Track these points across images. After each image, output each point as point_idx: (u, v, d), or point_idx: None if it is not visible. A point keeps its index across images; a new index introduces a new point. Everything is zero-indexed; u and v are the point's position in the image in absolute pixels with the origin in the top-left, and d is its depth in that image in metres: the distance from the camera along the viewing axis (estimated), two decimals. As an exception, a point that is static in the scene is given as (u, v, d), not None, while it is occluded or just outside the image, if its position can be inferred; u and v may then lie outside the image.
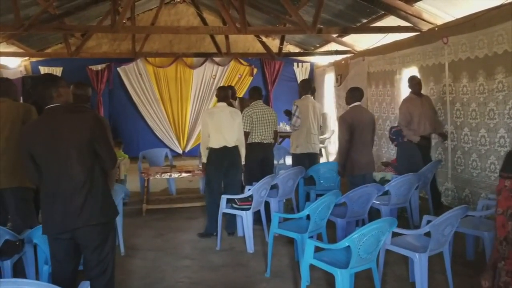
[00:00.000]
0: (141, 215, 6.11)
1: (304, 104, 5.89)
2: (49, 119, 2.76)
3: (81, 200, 2.69)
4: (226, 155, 5.08)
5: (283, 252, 4.58)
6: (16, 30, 6.19)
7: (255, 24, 9.40)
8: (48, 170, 2.73)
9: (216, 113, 5.11)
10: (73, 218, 2.68)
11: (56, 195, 2.71)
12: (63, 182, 2.70)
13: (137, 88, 10.90)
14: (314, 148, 5.94)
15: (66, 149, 2.68)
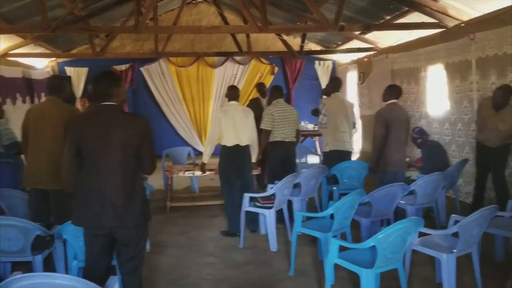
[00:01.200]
0: (165, 212, 6.19)
1: (332, 102, 5.88)
2: (105, 115, 2.80)
3: (122, 201, 2.75)
4: (238, 153, 5.12)
5: (306, 251, 4.58)
6: (43, 32, 6.31)
7: (276, 23, 9.38)
8: (91, 164, 2.79)
9: (229, 111, 5.15)
10: (113, 217, 2.75)
11: (97, 190, 2.76)
12: (106, 180, 2.76)
13: (159, 87, 11.02)
14: (344, 146, 5.88)
15: (115, 149, 2.74)
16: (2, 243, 3.48)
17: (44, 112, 3.98)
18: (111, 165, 2.75)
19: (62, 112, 3.93)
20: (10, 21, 7.11)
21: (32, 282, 2.25)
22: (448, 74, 6.25)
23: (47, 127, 3.90)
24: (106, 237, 2.84)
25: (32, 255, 3.51)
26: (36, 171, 3.94)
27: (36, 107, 4.15)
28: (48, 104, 4.04)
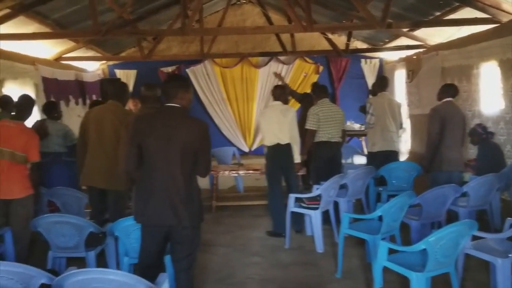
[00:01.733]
0: (210, 212, 6.26)
1: (379, 101, 5.77)
2: (169, 116, 2.88)
3: (181, 202, 2.83)
4: (279, 152, 5.12)
5: (353, 253, 4.51)
6: (94, 36, 6.54)
7: (321, 21, 9.30)
8: (152, 163, 2.86)
9: (267, 111, 5.20)
10: (173, 217, 2.83)
11: (156, 189, 2.84)
12: (165, 179, 2.83)
13: (205, 88, 11.16)
14: (391, 146, 5.75)
15: (176, 149, 2.81)
16: (58, 239, 3.64)
17: (105, 115, 4.14)
18: (171, 165, 2.82)
19: (121, 116, 4.08)
20: (63, 26, 7.42)
21: (87, 277, 2.34)
22: (502, 71, 5.97)
23: (107, 129, 4.06)
24: (162, 235, 2.91)
25: (86, 251, 3.65)
26: (95, 170, 4.10)
27: (97, 109, 4.33)
28: (109, 108, 4.21)
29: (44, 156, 5.21)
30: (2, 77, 6.57)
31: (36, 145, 3.96)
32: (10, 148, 3.82)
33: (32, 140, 3.95)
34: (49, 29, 7.03)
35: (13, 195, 3.89)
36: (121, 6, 6.83)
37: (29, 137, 3.94)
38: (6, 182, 3.85)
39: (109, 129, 4.06)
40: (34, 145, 3.93)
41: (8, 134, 3.86)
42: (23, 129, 3.96)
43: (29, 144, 3.89)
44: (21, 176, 3.90)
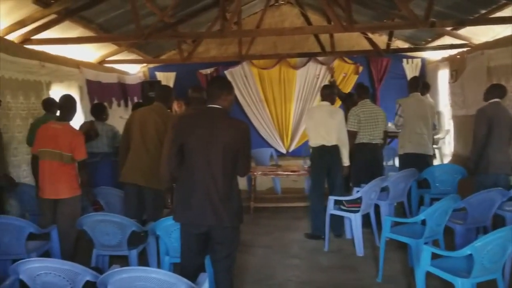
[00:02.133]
0: (248, 213, 6.27)
1: (408, 102, 5.64)
2: (211, 117, 2.92)
3: (222, 202, 2.85)
4: (326, 154, 5.04)
5: (394, 257, 4.41)
6: (137, 39, 6.68)
7: (361, 21, 9.16)
8: (193, 162, 2.89)
9: (314, 112, 5.14)
10: (213, 217, 2.85)
11: (198, 189, 2.87)
12: (205, 179, 2.86)
13: (242, 90, 11.21)
14: (419, 149, 5.57)
15: (217, 150, 2.84)
16: (102, 238, 3.74)
17: (149, 116, 4.24)
18: (212, 165, 2.85)
19: (165, 118, 4.18)
20: (106, 30, 7.63)
21: (130, 275, 2.39)
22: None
23: (150, 129, 4.16)
24: (202, 235, 2.94)
25: (128, 249, 3.73)
26: (136, 168, 4.19)
27: (142, 110, 4.45)
28: (154, 109, 4.31)
29: (93, 156, 5.42)
30: (49, 80, 6.82)
31: (81, 143, 4.06)
32: (58, 149, 3.95)
33: (77, 139, 4.05)
34: (93, 34, 7.24)
35: (61, 195, 4.01)
36: (162, 10, 6.96)
37: (75, 137, 4.04)
38: (54, 183, 3.98)
39: (152, 129, 4.15)
40: (79, 144, 4.04)
41: (54, 135, 3.99)
42: (69, 129, 4.08)
43: (74, 143, 3.99)
44: (68, 176, 4.02)
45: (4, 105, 5.55)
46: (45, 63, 6.68)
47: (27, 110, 6.07)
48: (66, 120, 4.12)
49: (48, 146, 3.97)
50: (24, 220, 3.75)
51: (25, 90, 6.10)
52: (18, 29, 5.85)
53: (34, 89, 6.21)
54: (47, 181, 4.01)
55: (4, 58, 5.67)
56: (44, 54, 6.73)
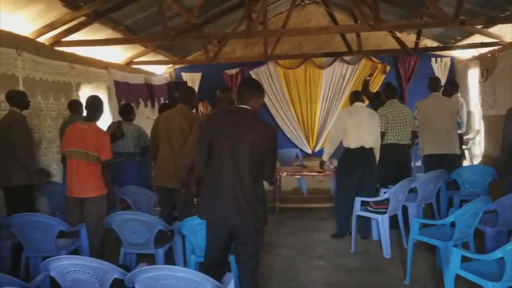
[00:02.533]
0: (273, 213, 6.27)
1: (426, 103, 5.56)
2: (239, 116, 2.94)
3: (247, 202, 2.85)
4: (362, 156, 4.96)
5: (422, 259, 4.33)
6: (163, 41, 6.75)
7: (389, 20, 9.03)
8: (221, 161, 2.91)
9: (355, 112, 5.00)
10: (238, 217, 2.85)
11: (224, 188, 2.88)
12: (232, 178, 2.86)
13: (268, 90, 11.20)
14: (440, 149, 5.42)
15: (243, 149, 2.85)
16: (129, 236, 3.79)
17: (174, 118, 4.31)
18: (239, 165, 2.85)
19: (189, 119, 4.23)
20: (134, 32, 7.74)
21: (157, 274, 2.41)
22: None
23: (175, 131, 4.22)
24: (227, 234, 2.95)
25: (155, 248, 3.77)
26: (164, 171, 4.26)
27: (167, 113, 4.52)
28: (178, 111, 4.36)
29: (119, 156, 5.51)
30: (78, 81, 6.97)
31: (106, 143, 4.11)
32: (84, 148, 4.02)
33: (103, 139, 4.11)
34: (121, 35, 7.36)
35: (87, 193, 4.08)
36: (188, 11, 7.02)
37: (100, 136, 4.10)
38: (81, 182, 4.06)
39: (177, 131, 4.20)
40: (104, 144, 4.09)
41: (81, 135, 4.06)
42: (95, 129, 4.14)
43: (100, 143, 4.05)
44: (94, 175, 4.09)
45: (35, 106, 5.70)
46: (75, 64, 6.83)
47: (57, 111, 6.21)
48: (93, 121, 4.19)
49: (75, 145, 4.05)
50: (55, 218, 3.83)
51: (55, 91, 6.24)
52: (49, 32, 5.99)
53: (64, 90, 6.35)
54: (74, 180, 4.09)
55: (35, 60, 5.82)
56: (74, 55, 6.88)
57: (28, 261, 3.87)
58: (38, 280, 2.77)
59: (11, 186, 4.39)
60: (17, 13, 5.27)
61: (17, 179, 4.36)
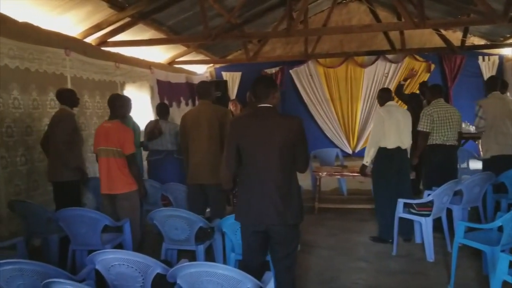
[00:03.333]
0: (313, 213, 6.22)
1: (490, 103, 5.28)
2: (263, 116, 2.94)
3: (282, 200, 2.83)
4: (399, 156, 4.85)
5: (468, 264, 4.19)
6: (205, 40, 6.85)
7: (434, 17, 8.80)
8: (250, 162, 2.92)
9: (393, 111, 4.88)
10: (270, 215, 2.84)
11: (256, 188, 2.89)
12: (266, 178, 2.86)
13: (308, 89, 11.16)
14: (508, 150, 5.19)
15: (273, 148, 2.84)
16: (171, 232, 3.86)
17: (200, 114, 4.33)
18: (270, 164, 2.85)
19: (216, 113, 4.26)
20: (176, 32, 7.89)
21: (198, 270, 2.44)
22: None
23: (203, 127, 4.24)
24: (262, 234, 2.95)
25: (196, 244, 3.82)
26: (196, 168, 4.30)
27: (192, 111, 4.58)
28: (203, 107, 4.39)
29: (157, 154, 5.62)
30: (123, 80, 7.16)
31: (129, 138, 4.16)
32: (109, 145, 4.11)
33: (125, 134, 4.16)
34: (163, 35, 7.52)
35: (117, 190, 4.16)
36: (229, 11, 7.08)
37: (122, 132, 4.15)
38: (111, 178, 4.14)
39: (204, 127, 4.23)
40: (127, 139, 4.14)
41: (106, 133, 4.15)
42: (118, 126, 4.19)
43: (122, 138, 4.11)
44: (122, 172, 4.15)
45: (82, 104, 5.90)
46: (120, 64, 7.03)
47: (103, 109, 6.42)
48: (116, 118, 4.25)
49: (102, 144, 4.16)
50: (100, 213, 3.93)
51: (101, 90, 6.45)
52: (95, 32, 6.20)
53: (109, 89, 6.55)
54: (104, 177, 4.19)
55: (83, 60, 6.03)
56: (119, 55, 7.08)
57: (74, 254, 4.01)
58: (84, 272, 2.86)
59: (60, 181, 4.54)
60: (65, 15, 5.48)
61: (66, 174, 4.50)
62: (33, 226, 4.19)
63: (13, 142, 4.78)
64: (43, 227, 4.11)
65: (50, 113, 4.89)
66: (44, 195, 5.12)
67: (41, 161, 5.10)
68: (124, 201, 4.18)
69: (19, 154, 4.87)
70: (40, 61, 5.19)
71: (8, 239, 3.44)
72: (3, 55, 4.62)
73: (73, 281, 2.24)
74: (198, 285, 2.46)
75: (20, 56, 4.86)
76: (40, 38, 5.19)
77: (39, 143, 4.85)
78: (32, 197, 4.94)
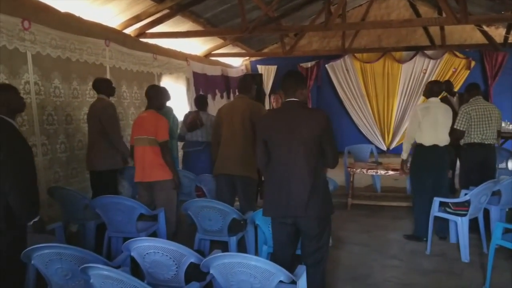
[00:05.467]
0: (346, 209, 6.18)
1: None
2: (288, 111, 2.97)
3: (305, 193, 2.84)
4: (436, 154, 4.74)
5: (505, 266, 4.08)
6: (242, 33, 6.87)
7: (476, 13, 8.52)
8: (277, 157, 2.95)
9: (432, 108, 4.75)
10: (297, 208, 2.86)
11: (282, 182, 2.91)
12: (290, 171, 2.88)
13: (343, 84, 11.03)
14: None
15: (297, 141, 2.86)
16: (205, 223, 3.92)
17: (234, 108, 4.37)
18: (295, 158, 2.86)
19: (249, 108, 4.28)
20: (213, 24, 7.93)
21: (231, 261, 2.48)
22: None
23: (237, 121, 4.27)
24: (291, 227, 2.96)
25: (228, 236, 3.86)
26: (226, 159, 4.33)
27: (227, 105, 4.65)
28: (238, 102, 4.44)
29: (198, 145, 5.69)
30: (160, 72, 7.27)
31: (162, 126, 4.22)
32: (145, 134, 4.19)
33: (160, 122, 4.22)
34: (201, 28, 7.58)
35: (153, 177, 4.23)
36: (267, 4, 7.06)
37: (157, 121, 4.22)
38: (146, 166, 4.22)
39: (237, 121, 4.26)
40: (161, 127, 4.21)
41: (142, 122, 4.24)
42: (152, 115, 4.26)
43: (156, 126, 4.18)
44: (157, 160, 4.21)
45: (120, 94, 6.04)
46: (157, 55, 7.14)
47: (140, 100, 6.55)
48: (152, 108, 4.32)
49: (138, 133, 4.24)
50: (136, 201, 4.01)
51: (139, 81, 6.58)
52: (135, 24, 6.29)
53: (147, 80, 6.67)
54: (140, 165, 4.27)
55: (122, 50, 6.16)
56: (157, 47, 7.19)
57: (110, 241, 4.12)
58: (120, 258, 2.95)
59: (99, 170, 4.63)
60: (106, 6, 5.60)
61: (103, 164, 4.59)
62: (71, 212, 4.32)
63: (53, 130, 4.94)
64: (80, 213, 4.24)
65: (89, 102, 5.01)
66: (82, 182, 5.28)
67: (80, 149, 5.26)
68: (160, 191, 4.26)
69: (59, 142, 5.02)
70: (81, 51, 5.33)
71: (48, 224, 3.56)
72: (46, 45, 4.77)
73: (109, 267, 2.31)
74: (231, 275, 2.50)
75: (62, 46, 5.00)
76: (81, 29, 5.33)
77: (78, 132, 4.99)
78: (71, 184, 5.10)
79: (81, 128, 5.28)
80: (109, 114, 4.53)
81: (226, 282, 2.54)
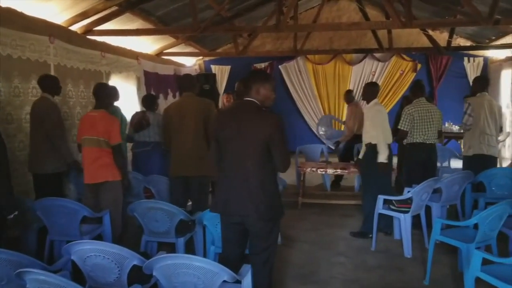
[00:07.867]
0: (296, 208, 6.27)
1: (479, 102, 5.36)
2: (240, 110, 2.95)
3: (253, 193, 2.84)
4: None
5: (444, 261, 4.26)
6: (194, 32, 6.82)
7: (421, 17, 8.86)
8: (227, 156, 2.94)
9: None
10: (245, 208, 2.85)
11: (231, 181, 2.91)
12: (237, 171, 2.88)
13: (296, 84, 11.19)
14: (489, 150, 5.31)
15: (246, 143, 2.85)
16: (151, 224, 3.86)
17: (184, 106, 4.33)
18: (243, 158, 2.86)
19: (199, 105, 4.26)
20: (165, 23, 7.83)
21: (175, 262, 2.45)
22: None
23: (188, 120, 4.24)
24: (239, 226, 2.96)
25: (176, 237, 3.82)
26: (181, 161, 4.30)
27: (175, 103, 4.61)
28: (187, 100, 4.39)
29: (145, 145, 5.59)
30: (109, 70, 7.10)
31: (115, 129, 4.14)
32: (95, 135, 4.08)
33: (112, 124, 4.14)
34: (152, 26, 7.46)
35: (100, 179, 4.13)
36: (219, 4, 7.05)
37: (109, 122, 4.14)
38: (94, 168, 4.12)
39: (188, 119, 4.24)
40: (113, 129, 4.12)
41: (92, 122, 4.12)
42: (103, 115, 4.16)
43: (109, 128, 4.09)
44: (107, 162, 4.13)
45: (65, 93, 5.84)
46: (106, 53, 6.96)
47: (87, 99, 6.36)
48: (102, 107, 4.22)
49: (87, 133, 4.13)
50: (79, 204, 3.90)
51: (85, 79, 6.39)
52: (81, 20, 6.11)
53: (94, 79, 6.48)
54: (88, 166, 4.17)
55: (67, 48, 5.96)
56: (105, 45, 7.01)
57: (52, 245, 3.98)
58: (60, 263, 2.85)
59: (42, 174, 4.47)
60: (51, 1, 5.41)
61: (47, 167, 4.44)
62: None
63: (-8, 130, 4.71)
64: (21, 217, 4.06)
65: (31, 101, 4.82)
66: (23, 185, 5.06)
67: (21, 150, 5.04)
68: (107, 192, 4.16)
69: (-2, 143, 4.79)
70: (23, 48, 5.11)
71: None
72: (-15, 41, 4.56)
73: (46, 271, 2.23)
74: (175, 277, 2.47)
75: (2, 42, 4.79)
76: (23, 25, 5.11)
77: (20, 132, 4.79)
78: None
79: (23, 128, 5.07)
80: (53, 120, 4.39)
81: (170, 284, 2.51)
